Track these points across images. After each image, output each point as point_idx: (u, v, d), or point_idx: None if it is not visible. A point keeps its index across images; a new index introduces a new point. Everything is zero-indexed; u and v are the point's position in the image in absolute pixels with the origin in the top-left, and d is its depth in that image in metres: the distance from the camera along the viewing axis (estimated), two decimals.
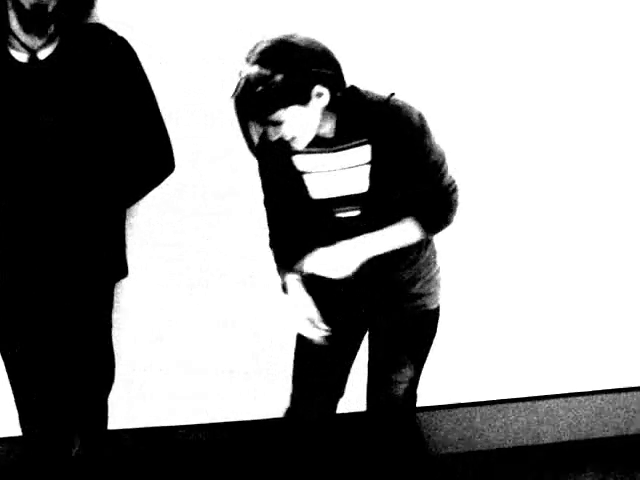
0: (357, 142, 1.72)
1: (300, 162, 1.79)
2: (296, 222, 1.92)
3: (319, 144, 1.74)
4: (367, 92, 1.73)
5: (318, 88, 1.62)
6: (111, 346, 2.11)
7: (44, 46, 1.84)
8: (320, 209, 1.83)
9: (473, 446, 2.61)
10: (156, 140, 2.00)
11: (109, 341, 2.10)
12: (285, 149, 1.77)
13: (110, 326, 2.10)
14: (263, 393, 2.45)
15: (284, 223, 1.93)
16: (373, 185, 1.74)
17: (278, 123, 1.62)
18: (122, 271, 2.08)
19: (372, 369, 2.01)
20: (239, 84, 1.59)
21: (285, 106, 1.59)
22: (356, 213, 1.80)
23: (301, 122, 1.63)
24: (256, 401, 2.46)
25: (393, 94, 1.73)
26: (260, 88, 1.56)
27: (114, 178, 1.95)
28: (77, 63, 1.86)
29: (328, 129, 1.72)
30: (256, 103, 1.58)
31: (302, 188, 1.82)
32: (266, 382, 2.45)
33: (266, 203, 1.93)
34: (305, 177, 1.80)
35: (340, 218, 1.83)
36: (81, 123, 1.86)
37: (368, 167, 1.73)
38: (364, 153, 1.72)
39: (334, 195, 1.79)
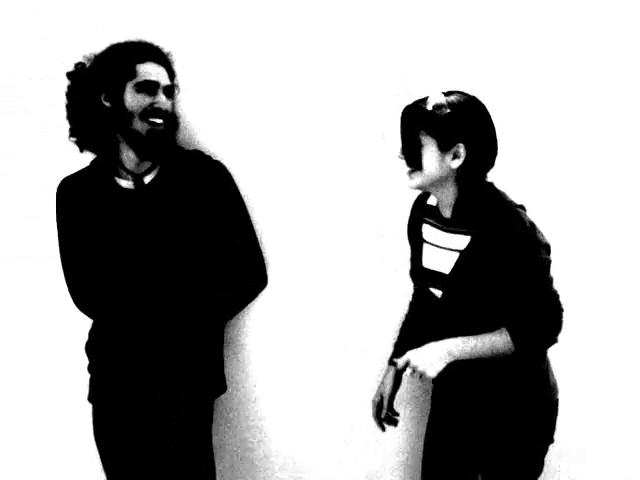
0: (465, 231, 1.81)
1: (425, 230, 1.94)
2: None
3: (439, 220, 1.87)
4: (500, 194, 1.83)
5: (460, 147, 1.74)
6: (212, 458, 2.17)
7: (148, 172, 2.01)
8: (424, 279, 1.94)
9: None
10: (250, 257, 2.13)
11: (210, 454, 2.16)
12: (422, 213, 1.96)
13: (210, 439, 2.17)
14: None
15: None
16: (456, 270, 1.81)
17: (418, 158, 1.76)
18: (221, 387, 2.16)
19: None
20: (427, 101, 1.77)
21: (429, 134, 1.74)
22: (440, 293, 1.88)
23: (433, 167, 1.76)
24: None
25: (522, 206, 1.82)
26: (432, 111, 1.74)
27: (212, 295, 2.05)
28: (177, 186, 2.02)
29: (447, 208, 1.85)
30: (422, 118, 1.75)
31: (420, 254, 1.94)
32: None
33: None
34: (424, 245, 1.94)
35: (431, 293, 1.92)
36: (182, 242, 1.99)
37: (457, 254, 1.82)
38: (464, 240, 1.81)
39: (433, 268, 1.89)
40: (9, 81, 2.21)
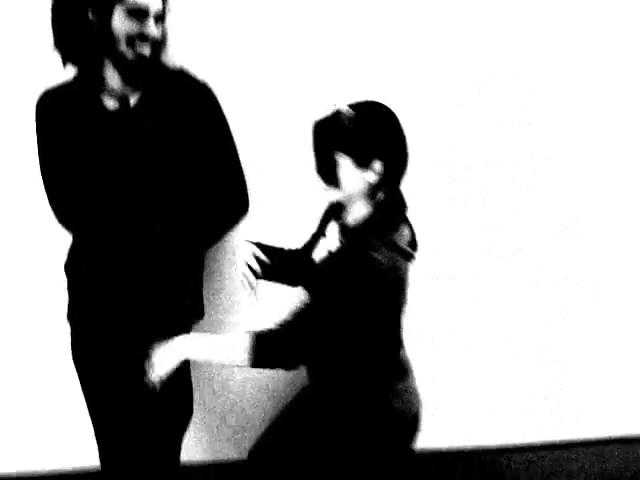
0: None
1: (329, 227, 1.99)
2: None
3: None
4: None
5: (376, 162, 1.73)
6: (190, 384, 2.19)
7: (133, 92, 1.96)
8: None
9: None
10: (233, 182, 2.10)
11: (188, 379, 2.18)
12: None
13: (188, 365, 2.18)
14: None
15: None
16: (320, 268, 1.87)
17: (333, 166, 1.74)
18: (199, 313, 2.17)
19: None
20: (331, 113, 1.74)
21: (346, 153, 1.72)
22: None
23: (350, 184, 1.76)
24: None
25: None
26: (338, 124, 1.71)
27: (193, 220, 2.04)
28: (162, 107, 1.97)
29: (355, 220, 1.83)
30: (330, 134, 1.72)
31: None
32: None
33: None
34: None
35: None
36: (164, 165, 1.96)
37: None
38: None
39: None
40: None
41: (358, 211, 1.81)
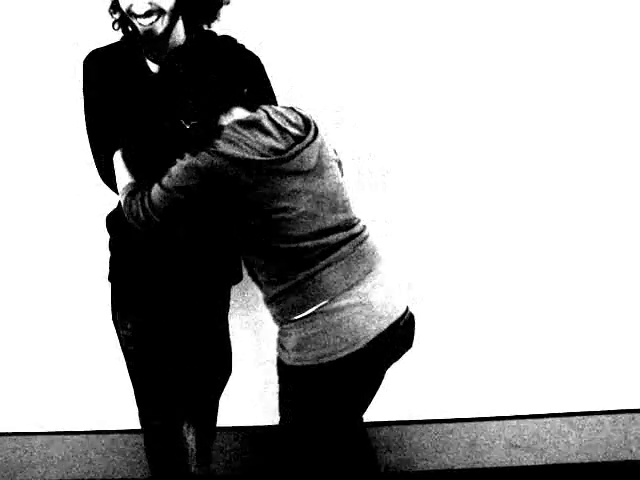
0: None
1: None
2: None
3: None
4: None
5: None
6: (229, 342, 2.24)
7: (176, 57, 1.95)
8: None
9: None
10: None
11: (227, 339, 2.24)
12: None
13: (227, 326, 2.24)
14: None
15: None
16: None
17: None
18: (238, 276, 2.21)
19: None
20: None
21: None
22: None
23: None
24: None
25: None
26: None
27: None
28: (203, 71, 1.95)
29: None
30: None
31: None
32: None
33: None
34: None
35: None
36: None
37: None
38: None
39: None
40: None
41: None
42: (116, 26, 1.96)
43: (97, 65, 1.98)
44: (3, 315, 2.50)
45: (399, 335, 1.77)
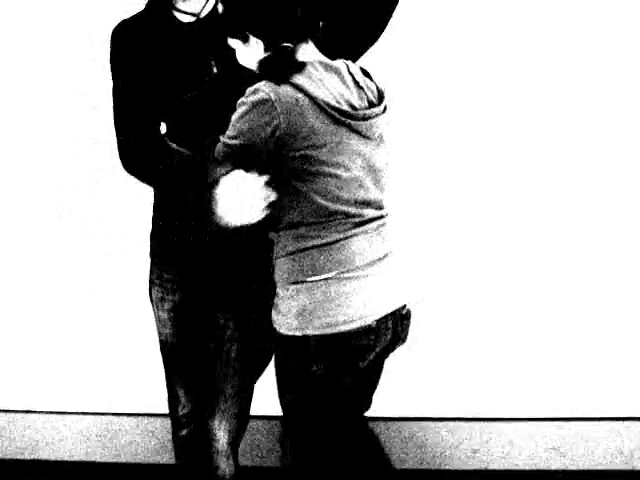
0: None
1: None
2: None
3: None
4: None
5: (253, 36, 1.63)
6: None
7: (204, 7, 1.88)
8: None
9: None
10: None
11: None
12: None
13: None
14: None
15: None
16: None
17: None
18: None
19: None
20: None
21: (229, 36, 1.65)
22: None
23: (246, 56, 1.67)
24: None
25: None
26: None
27: None
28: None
29: None
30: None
31: None
32: None
33: None
34: None
35: None
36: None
37: None
38: None
39: None
40: None
41: None
42: None
43: (126, 31, 1.89)
44: (31, 292, 2.62)
45: (401, 325, 1.74)
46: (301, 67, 1.59)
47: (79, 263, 2.58)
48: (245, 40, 1.63)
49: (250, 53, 1.64)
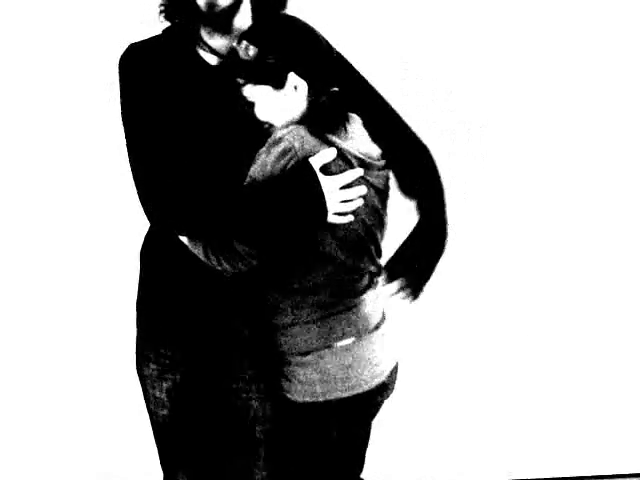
0: None
1: None
2: None
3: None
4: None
5: (293, 77, 1.47)
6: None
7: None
8: None
9: None
10: None
11: None
12: None
13: None
14: None
15: None
16: None
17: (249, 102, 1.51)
18: None
19: None
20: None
21: (254, 83, 1.49)
22: None
23: (273, 106, 1.50)
24: None
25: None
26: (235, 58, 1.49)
27: None
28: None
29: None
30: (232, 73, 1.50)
31: None
32: None
33: None
34: None
35: None
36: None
37: None
38: None
39: None
40: None
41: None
42: (162, 16, 1.63)
43: (140, 61, 1.62)
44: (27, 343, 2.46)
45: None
46: (347, 117, 1.52)
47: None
48: (278, 85, 1.47)
49: (280, 102, 1.48)
